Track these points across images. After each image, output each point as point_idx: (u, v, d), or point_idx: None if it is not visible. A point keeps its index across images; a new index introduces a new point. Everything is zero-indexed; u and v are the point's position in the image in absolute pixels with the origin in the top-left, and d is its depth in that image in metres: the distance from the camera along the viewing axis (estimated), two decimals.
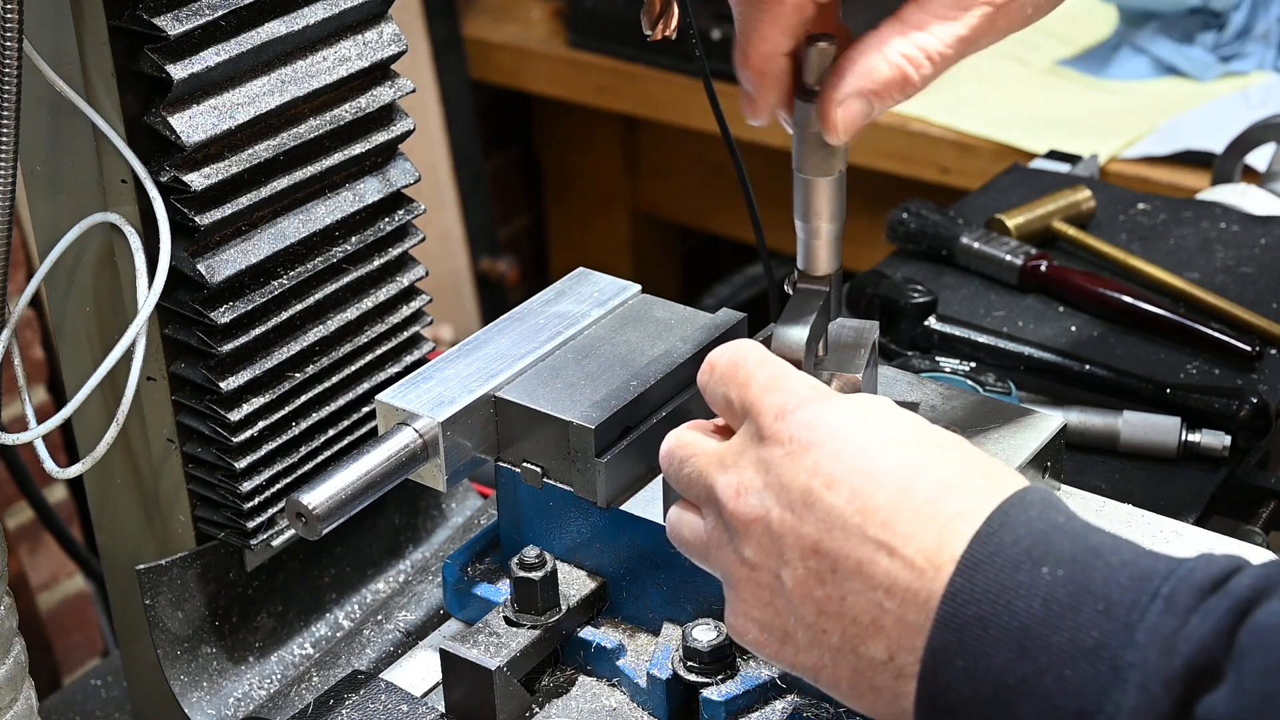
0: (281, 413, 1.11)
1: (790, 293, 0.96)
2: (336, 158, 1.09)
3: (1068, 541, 0.76)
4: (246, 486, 1.10)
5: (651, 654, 1.01)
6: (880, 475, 0.80)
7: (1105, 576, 0.74)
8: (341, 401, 1.15)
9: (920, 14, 0.90)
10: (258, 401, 1.09)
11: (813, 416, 0.82)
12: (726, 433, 0.89)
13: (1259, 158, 1.74)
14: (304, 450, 1.13)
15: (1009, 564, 0.76)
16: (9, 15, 0.92)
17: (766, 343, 0.93)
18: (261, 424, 1.09)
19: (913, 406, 1.05)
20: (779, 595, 0.83)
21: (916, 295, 1.38)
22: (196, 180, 1.01)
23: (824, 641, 0.81)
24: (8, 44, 0.93)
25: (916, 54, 0.89)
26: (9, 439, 1.02)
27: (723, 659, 0.98)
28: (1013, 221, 1.52)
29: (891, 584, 0.78)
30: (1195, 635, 0.71)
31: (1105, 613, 0.73)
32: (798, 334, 0.92)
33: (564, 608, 1.02)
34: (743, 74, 0.94)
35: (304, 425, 1.13)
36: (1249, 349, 1.35)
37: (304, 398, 1.12)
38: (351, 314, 1.13)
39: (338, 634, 1.20)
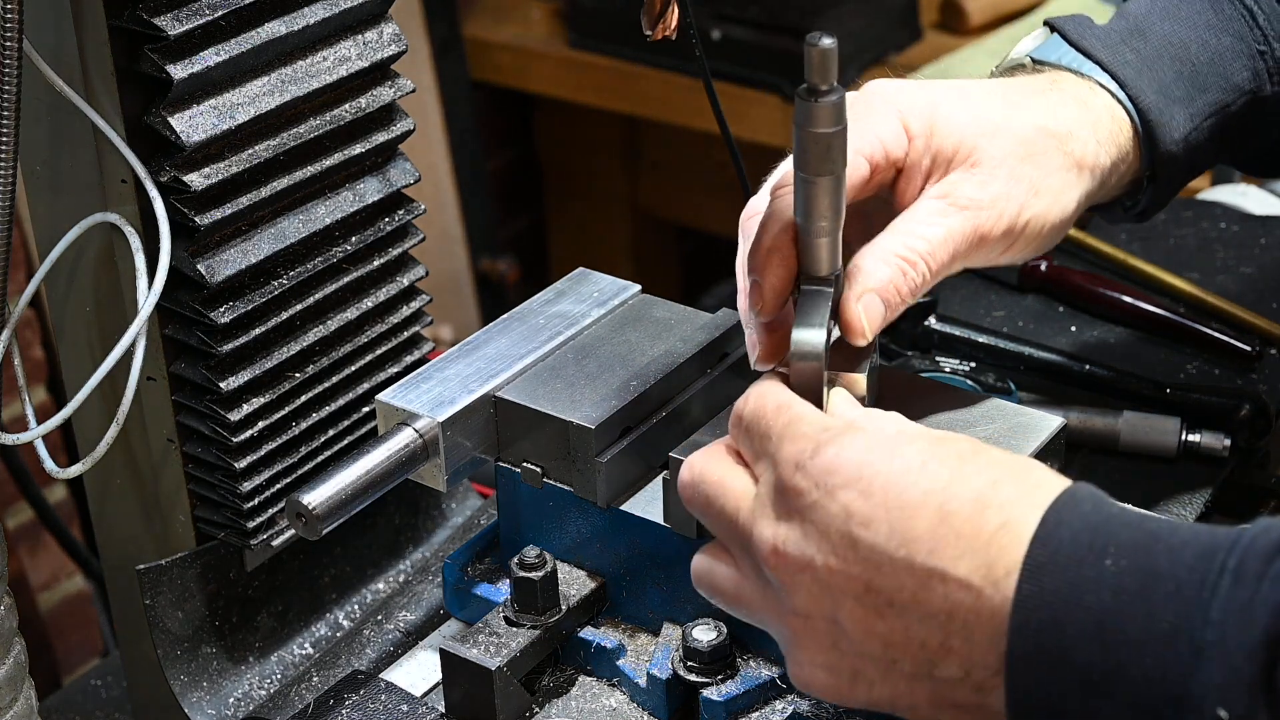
0: (281, 413, 1.11)
1: (794, 295, 0.96)
2: (336, 158, 1.09)
3: (1125, 531, 0.77)
4: (246, 486, 1.10)
5: (651, 654, 1.01)
6: (914, 504, 0.80)
7: (1169, 558, 0.75)
8: (341, 401, 1.15)
9: (907, 221, 0.97)
10: (258, 401, 1.09)
11: (830, 460, 0.83)
12: (739, 456, 0.90)
13: None
14: (304, 450, 1.13)
15: (1072, 561, 0.76)
16: (9, 15, 0.92)
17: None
18: (261, 424, 1.09)
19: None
20: (841, 638, 0.83)
21: None
22: (196, 180, 1.01)
23: (896, 671, 0.82)
24: (8, 44, 0.93)
25: (909, 254, 0.95)
26: (9, 439, 1.02)
27: (723, 659, 0.98)
28: None
29: (952, 608, 0.79)
30: (1271, 601, 0.71)
31: (1176, 593, 0.73)
32: (815, 337, 0.92)
33: (564, 608, 1.02)
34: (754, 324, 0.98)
35: (304, 425, 1.13)
36: (1249, 349, 1.35)
37: (304, 398, 1.12)
38: (351, 314, 1.13)
39: (338, 634, 1.20)
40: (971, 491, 0.80)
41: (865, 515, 0.81)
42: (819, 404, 0.90)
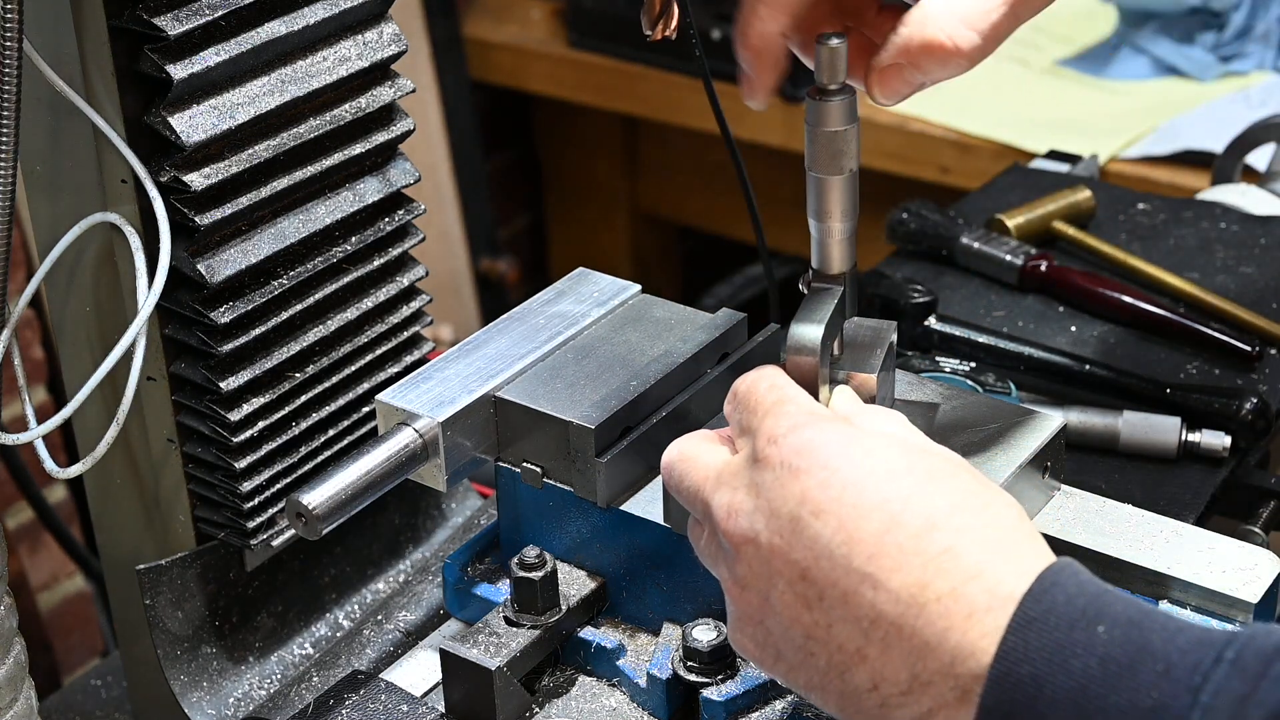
0: (281, 413, 1.11)
1: (805, 292, 0.96)
2: (336, 158, 1.09)
3: (1119, 604, 0.76)
4: (246, 486, 1.10)
5: (651, 654, 1.01)
6: (867, 508, 0.80)
7: (1164, 638, 0.74)
8: (341, 401, 1.15)
9: None
10: (258, 401, 1.09)
11: (804, 443, 0.83)
12: (729, 441, 0.90)
13: (1259, 158, 1.74)
14: (304, 450, 1.13)
15: (1064, 622, 0.75)
16: (9, 15, 0.92)
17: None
18: (261, 424, 1.09)
19: (932, 408, 1.04)
20: (769, 615, 0.83)
21: (916, 295, 1.38)
22: (196, 180, 1.01)
23: (811, 664, 0.82)
24: (8, 44, 0.93)
25: (955, 25, 0.89)
26: (9, 439, 1.02)
27: (723, 659, 0.98)
28: (1013, 221, 1.52)
29: (876, 616, 0.78)
30: (1269, 702, 0.70)
31: (1165, 674, 0.72)
32: (812, 332, 0.92)
33: (564, 608, 1.02)
34: (741, 54, 0.94)
35: (304, 425, 1.13)
36: (1249, 349, 1.35)
37: (304, 398, 1.12)
38: (351, 314, 1.13)
39: (338, 634, 1.20)
40: (927, 509, 0.79)
41: (818, 505, 0.80)
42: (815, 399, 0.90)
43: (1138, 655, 0.73)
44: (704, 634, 0.98)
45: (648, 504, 1.01)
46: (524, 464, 1.04)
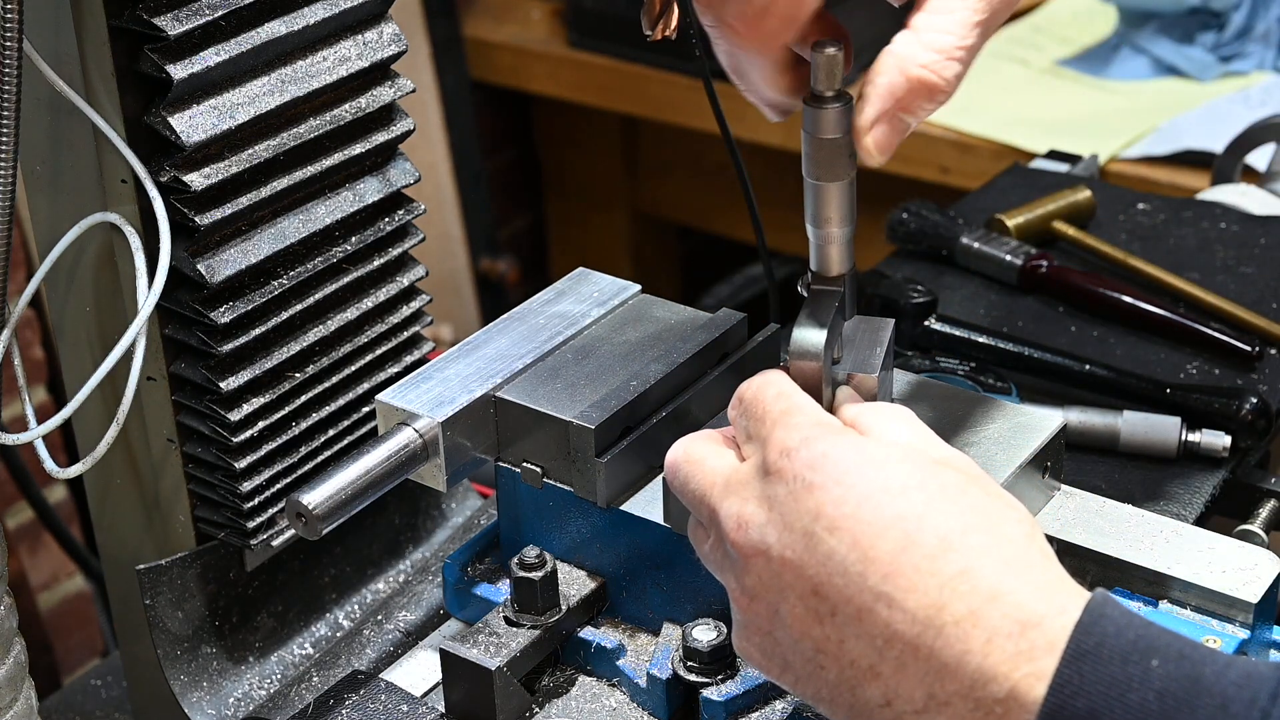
0: (281, 413, 1.11)
1: (804, 294, 0.96)
2: (336, 158, 1.09)
3: (1166, 636, 0.75)
4: (246, 486, 1.10)
5: (651, 654, 1.01)
6: (882, 525, 0.79)
7: (1215, 671, 0.73)
8: (341, 401, 1.15)
9: (928, 15, 0.89)
10: (258, 401, 1.09)
11: (817, 457, 0.82)
12: (734, 444, 0.90)
13: (1259, 158, 1.74)
14: (304, 450, 1.13)
15: (1117, 655, 0.74)
16: (9, 15, 0.92)
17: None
18: (261, 424, 1.09)
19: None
20: (778, 627, 0.83)
21: (916, 295, 1.38)
22: (196, 180, 1.01)
23: (821, 677, 0.82)
24: (8, 44, 0.93)
25: (935, 59, 0.88)
26: (9, 439, 1.02)
27: (723, 659, 0.98)
28: (1013, 221, 1.52)
29: (891, 635, 0.78)
30: None
31: (1223, 708, 0.72)
32: (815, 337, 0.92)
33: (564, 608, 1.02)
34: (749, 96, 0.94)
35: (304, 425, 1.13)
36: (1249, 349, 1.35)
37: (304, 398, 1.12)
38: (351, 314, 1.13)
39: (338, 634, 1.20)
40: (941, 529, 0.79)
41: (833, 521, 0.80)
42: (819, 403, 0.90)
43: (1193, 690, 0.73)
44: (704, 634, 0.98)
45: (648, 504, 1.01)
46: (524, 464, 1.04)
